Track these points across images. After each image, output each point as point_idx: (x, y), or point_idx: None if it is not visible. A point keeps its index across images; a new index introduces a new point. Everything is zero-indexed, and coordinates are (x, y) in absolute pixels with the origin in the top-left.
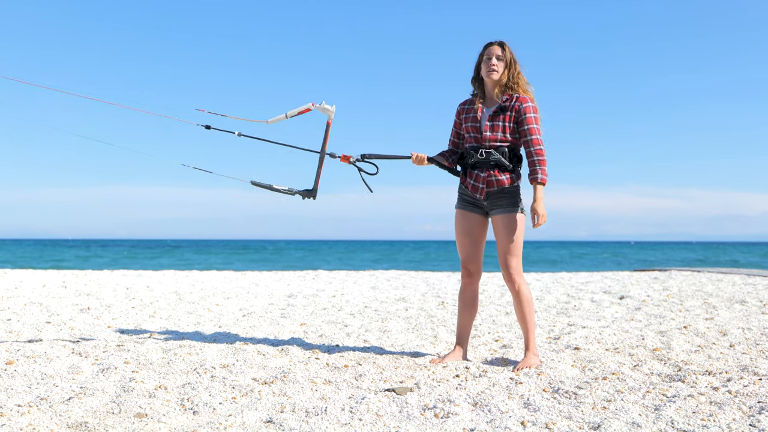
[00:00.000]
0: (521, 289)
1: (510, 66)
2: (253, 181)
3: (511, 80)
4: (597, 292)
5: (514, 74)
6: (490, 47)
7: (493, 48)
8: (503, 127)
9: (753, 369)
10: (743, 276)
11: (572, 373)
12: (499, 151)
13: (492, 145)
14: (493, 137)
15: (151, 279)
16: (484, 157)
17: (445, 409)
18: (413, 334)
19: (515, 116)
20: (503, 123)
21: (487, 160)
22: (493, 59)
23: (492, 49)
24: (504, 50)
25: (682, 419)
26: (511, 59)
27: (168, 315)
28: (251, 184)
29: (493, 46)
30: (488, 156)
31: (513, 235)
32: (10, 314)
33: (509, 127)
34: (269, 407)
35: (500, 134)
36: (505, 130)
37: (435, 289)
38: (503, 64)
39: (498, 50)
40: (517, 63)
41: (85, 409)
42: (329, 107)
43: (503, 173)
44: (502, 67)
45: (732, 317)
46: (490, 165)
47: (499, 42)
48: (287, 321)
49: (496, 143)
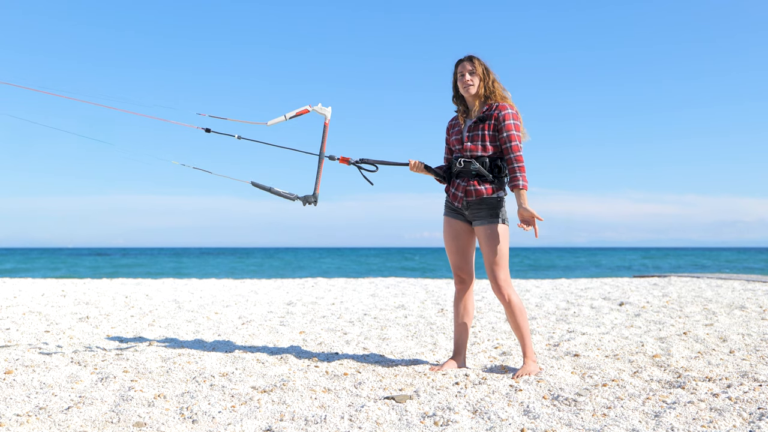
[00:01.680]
0: (512, 300)
1: (484, 77)
2: (254, 182)
3: (487, 90)
4: (596, 298)
5: (489, 84)
6: (460, 64)
7: (464, 64)
8: (482, 136)
9: (753, 375)
10: (743, 282)
11: (572, 380)
12: (480, 161)
13: (473, 155)
14: (473, 147)
15: (150, 287)
16: (463, 166)
17: (444, 416)
18: (413, 342)
19: (494, 124)
20: (482, 132)
21: (467, 170)
22: (467, 75)
23: (463, 65)
24: (474, 64)
25: (682, 426)
26: (483, 70)
27: (167, 323)
28: (252, 185)
29: (463, 63)
30: (467, 165)
31: (496, 246)
32: (9, 323)
33: (488, 135)
34: (268, 416)
35: (480, 144)
36: (484, 138)
37: (434, 297)
38: (477, 78)
39: (468, 65)
40: (490, 72)
41: (84, 419)
42: (326, 109)
43: (483, 183)
44: (477, 80)
45: (732, 323)
46: (471, 174)
47: (467, 57)
48: (286, 329)
49: (477, 153)
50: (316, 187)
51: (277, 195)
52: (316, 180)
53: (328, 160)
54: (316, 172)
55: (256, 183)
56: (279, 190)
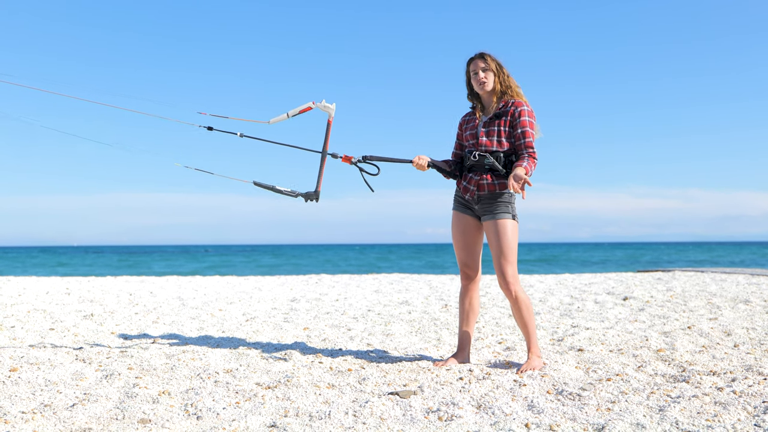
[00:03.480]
0: (518, 296)
1: (498, 73)
2: (256, 181)
3: (503, 85)
4: (600, 293)
5: (504, 79)
6: (472, 62)
7: (476, 62)
8: (498, 132)
9: (757, 369)
10: (747, 276)
11: (576, 374)
12: (494, 156)
13: (487, 150)
14: (488, 143)
15: (154, 285)
16: (477, 159)
17: (448, 411)
18: (416, 338)
19: (510, 120)
20: (498, 128)
21: (481, 164)
22: (480, 72)
23: (475, 63)
24: (486, 60)
25: (686, 420)
26: (496, 66)
27: (171, 320)
28: (254, 184)
29: (475, 61)
30: (482, 159)
31: (505, 241)
32: (14, 321)
33: (504, 131)
34: (273, 412)
35: (495, 139)
36: (500, 134)
37: (438, 292)
38: (491, 74)
39: (481, 63)
40: (503, 68)
41: (89, 416)
42: (329, 105)
43: (496, 178)
44: (491, 76)
45: (736, 317)
46: (484, 169)
47: (479, 54)
48: (290, 325)
49: (492, 149)
50: (318, 183)
51: (279, 193)
52: (318, 177)
53: (331, 158)
54: (318, 170)
55: (258, 182)
56: (281, 189)
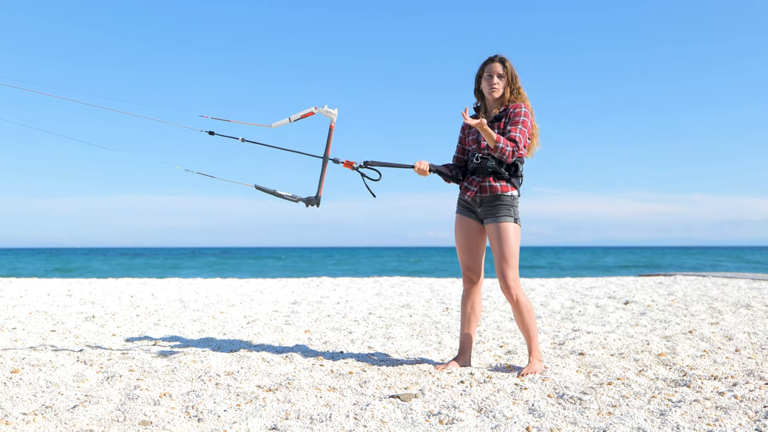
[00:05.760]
0: (520, 300)
1: (511, 83)
2: (258, 185)
3: (513, 96)
4: (602, 297)
5: (514, 90)
6: (491, 64)
7: (495, 66)
8: (498, 134)
9: (759, 374)
10: (748, 280)
11: (577, 378)
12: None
13: (489, 153)
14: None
15: (156, 287)
16: (479, 162)
17: (449, 415)
18: (418, 341)
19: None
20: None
21: (483, 166)
22: (495, 78)
23: (494, 66)
24: (505, 67)
25: (687, 424)
26: (512, 75)
27: (172, 323)
28: (255, 188)
29: (495, 63)
30: (484, 162)
31: (507, 244)
32: (15, 323)
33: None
34: (274, 414)
35: None
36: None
37: (439, 296)
38: (504, 82)
39: (499, 68)
40: (517, 78)
41: (90, 417)
42: (332, 111)
43: (498, 181)
44: (503, 84)
45: (737, 322)
46: (486, 171)
47: (500, 58)
48: (291, 328)
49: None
50: (319, 188)
51: (280, 198)
52: (319, 182)
53: (333, 163)
54: (319, 175)
55: (260, 186)
56: (282, 193)
